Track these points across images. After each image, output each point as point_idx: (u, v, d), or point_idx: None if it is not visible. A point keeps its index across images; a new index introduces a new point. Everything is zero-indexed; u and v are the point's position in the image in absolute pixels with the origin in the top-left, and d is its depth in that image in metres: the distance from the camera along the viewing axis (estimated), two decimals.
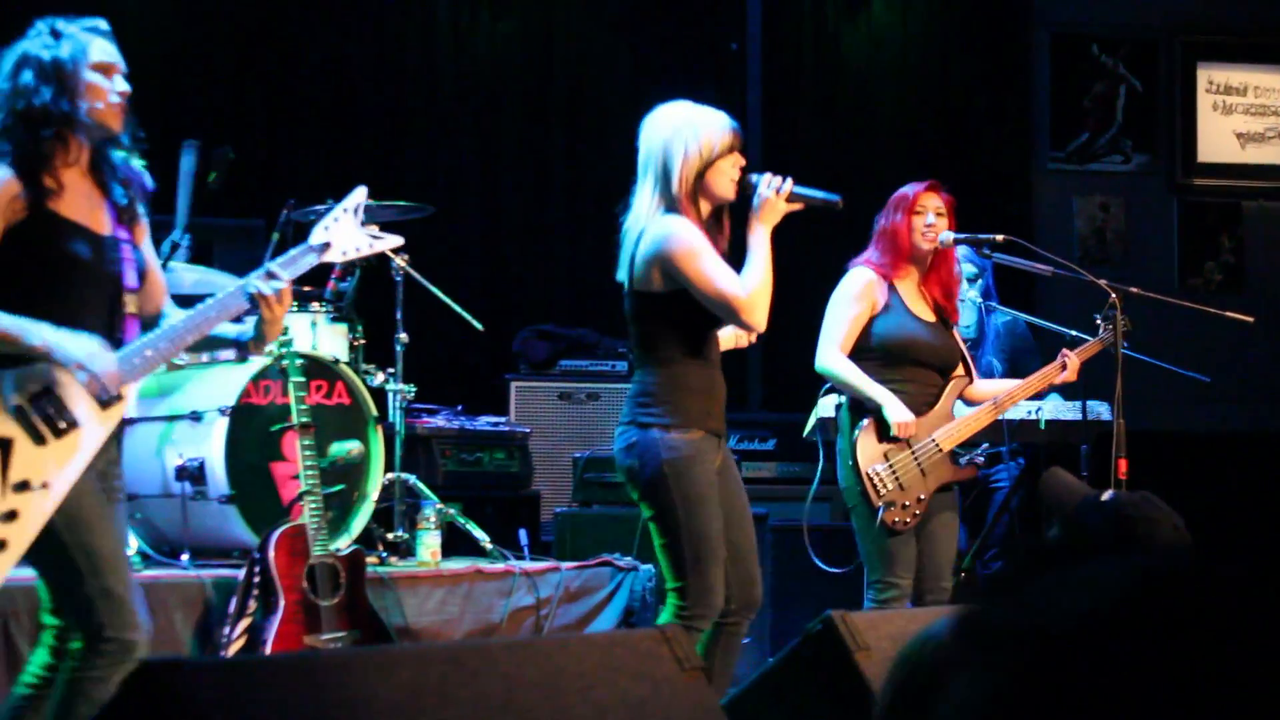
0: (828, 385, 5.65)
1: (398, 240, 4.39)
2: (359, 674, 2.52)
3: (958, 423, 5.58)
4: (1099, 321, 5.87)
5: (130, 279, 3.98)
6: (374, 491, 6.21)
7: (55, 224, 3.84)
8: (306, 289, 6.58)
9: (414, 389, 6.68)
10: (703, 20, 9.73)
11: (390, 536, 6.33)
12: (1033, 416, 6.30)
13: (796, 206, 4.82)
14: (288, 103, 8.98)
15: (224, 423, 5.88)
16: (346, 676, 2.52)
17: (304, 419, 5.31)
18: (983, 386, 5.80)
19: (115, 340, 3.91)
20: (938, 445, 5.49)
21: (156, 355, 3.95)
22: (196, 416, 5.92)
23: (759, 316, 4.67)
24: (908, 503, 5.41)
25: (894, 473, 5.41)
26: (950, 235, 5.95)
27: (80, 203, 3.91)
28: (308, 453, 5.29)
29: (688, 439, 4.69)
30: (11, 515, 3.73)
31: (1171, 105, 10.16)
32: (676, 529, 4.69)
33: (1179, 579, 1.02)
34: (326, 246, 4.20)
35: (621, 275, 4.82)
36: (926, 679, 1.10)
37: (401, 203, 6.84)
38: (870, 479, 5.39)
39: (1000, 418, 5.82)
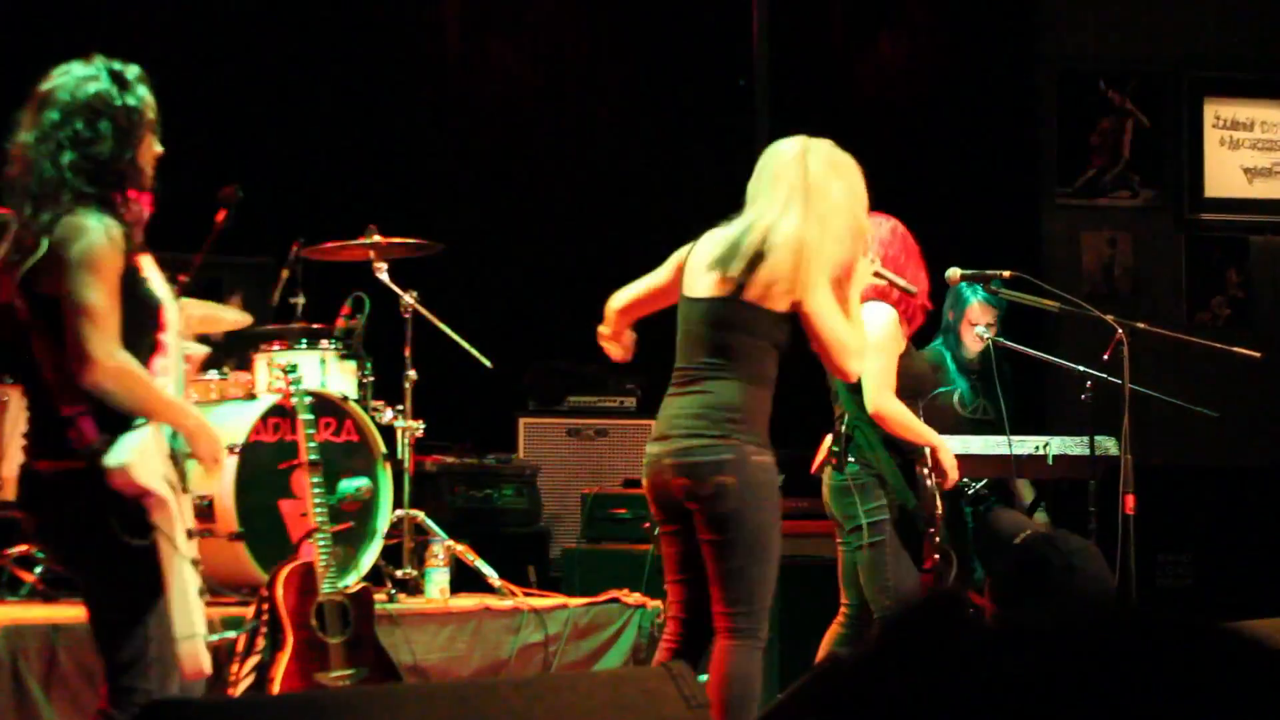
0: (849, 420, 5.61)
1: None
2: (366, 712, 2.53)
3: None
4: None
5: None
6: (382, 528, 6.22)
7: (142, 277, 3.86)
8: (316, 327, 6.60)
9: (423, 426, 6.69)
10: (711, 55, 9.76)
11: (399, 574, 6.33)
12: (1040, 452, 6.30)
13: (880, 282, 5.20)
14: (297, 139, 9.01)
15: (233, 460, 5.89)
16: (354, 715, 2.52)
17: (313, 456, 5.32)
18: None
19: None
20: None
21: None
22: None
23: (861, 363, 4.83)
24: (938, 540, 5.47)
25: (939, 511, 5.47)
26: (957, 271, 5.98)
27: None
28: (316, 490, 5.30)
29: (774, 463, 4.73)
30: (196, 563, 3.83)
31: (1179, 140, 10.17)
32: (767, 551, 4.67)
33: (1107, 630, 0.99)
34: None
35: (715, 281, 4.76)
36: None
37: (410, 240, 6.86)
38: (940, 518, 5.43)
39: (1009, 453, 5.86)
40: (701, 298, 4.76)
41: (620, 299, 5.18)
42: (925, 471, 5.40)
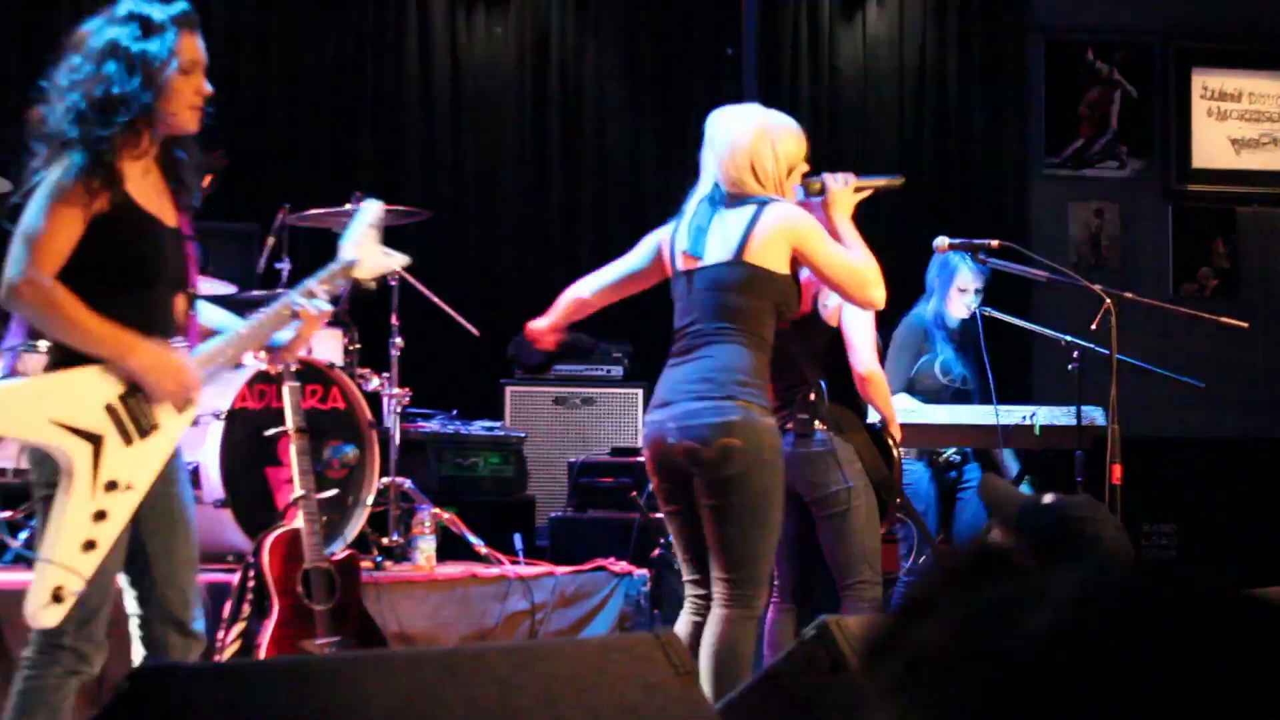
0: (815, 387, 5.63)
1: (406, 259, 4.37)
2: (353, 678, 2.52)
3: None
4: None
5: (193, 274, 3.96)
6: (369, 496, 6.21)
7: (134, 215, 3.78)
8: None
9: (409, 393, 6.68)
10: (698, 25, 9.73)
11: (385, 541, 6.33)
12: (1028, 422, 6.30)
13: (865, 194, 4.93)
14: (283, 106, 8.98)
15: (219, 427, 5.88)
16: (341, 681, 2.51)
17: (299, 424, 5.30)
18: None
19: (182, 335, 3.89)
20: None
21: (226, 360, 3.96)
22: (192, 420, 5.90)
23: (882, 293, 4.76)
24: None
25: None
26: (945, 240, 5.98)
27: (149, 194, 3.85)
28: (302, 457, 5.29)
29: (776, 427, 4.71)
30: (101, 515, 3.69)
31: (1166, 111, 10.17)
32: (766, 515, 4.60)
33: (1139, 581, 1.00)
34: (354, 264, 4.20)
35: (710, 247, 4.73)
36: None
37: (398, 208, 6.84)
38: (893, 482, 5.42)
39: (996, 423, 5.88)
40: (698, 267, 4.74)
41: (587, 288, 5.18)
42: (892, 442, 5.42)
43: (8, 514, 5.84)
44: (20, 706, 3.77)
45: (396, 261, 4.31)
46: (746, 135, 4.80)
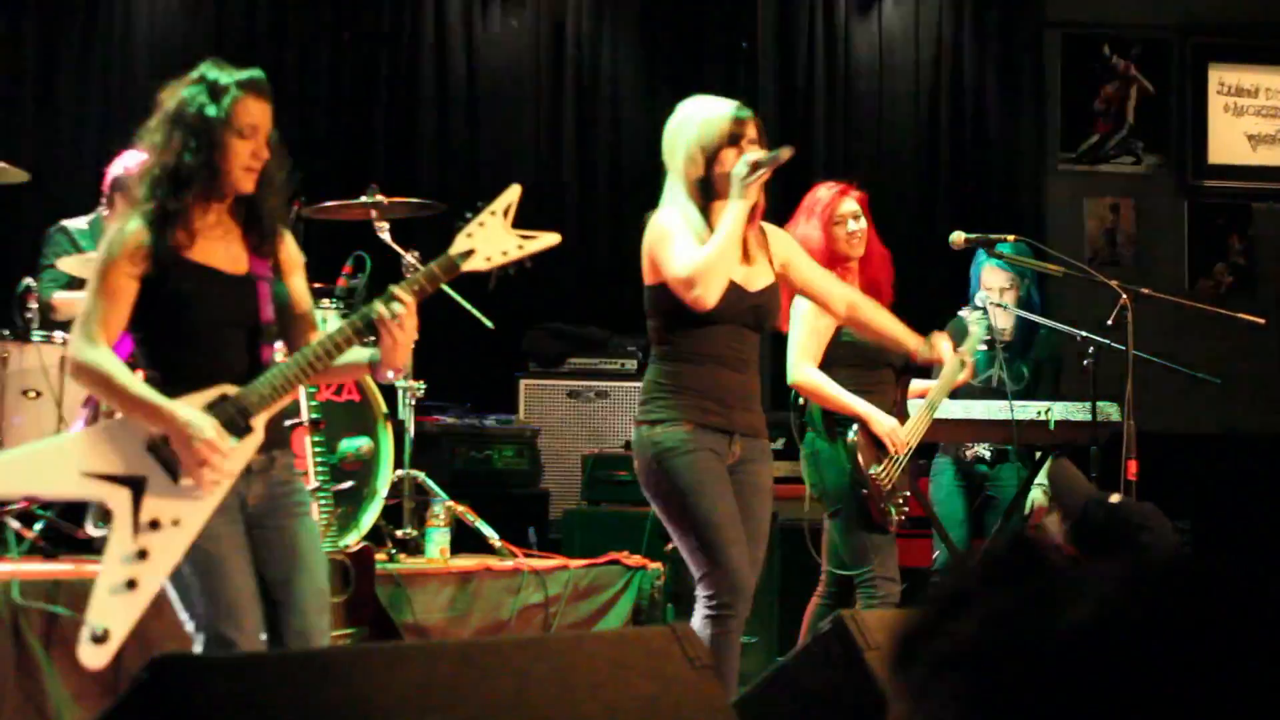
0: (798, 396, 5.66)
1: (554, 238, 4.32)
2: (369, 670, 2.52)
3: (915, 420, 5.62)
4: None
5: (266, 313, 3.99)
6: (383, 488, 6.21)
7: (187, 270, 3.90)
8: (318, 286, 6.58)
9: (424, 386, 6.68)
10: (714, 19, 9.72)
11: (399, 534, 6.33)
12: (1042, 418, 6.28)
13: (764, 176, 4.68)
14: (298, 98, 8.98)
15: None
16: (357, 672, 2.52)
17: (314, 415, 5.30)
18: (915, 382, 5.85)
19: (257, 373, 3.94)
20: (910, 445, 5.54)
21: (286, 384, 3.93)
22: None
23: (699, 291, 4.56)
24: (900, 502, 5.47)
25: (888, 473, 5.45)
26: (961, 235, 5.97)
27: (214, 246, 3.97)
28: (317, 449, 5.29)
29: (672, 432, 4.65)
30: (142, 554, 3.77)
31: (1182, 106, 10.14)
32: (680, 518, 4.65)
33: (1181, 577, 0.99)
34: (469, 254, 4.18)
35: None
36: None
37: (412, 200, 6.84)
38: (874, 480, 5.41)
39: (1010, 418, 5.87)
40: None
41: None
42: (851, 439, 5.43)
43: (22, 505, 5.85)
44: None
45: (542, 243, 4.22)
46: (666, 133, 4.84)
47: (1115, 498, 3.93)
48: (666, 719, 2.84)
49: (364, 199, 6.63)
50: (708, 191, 4.69)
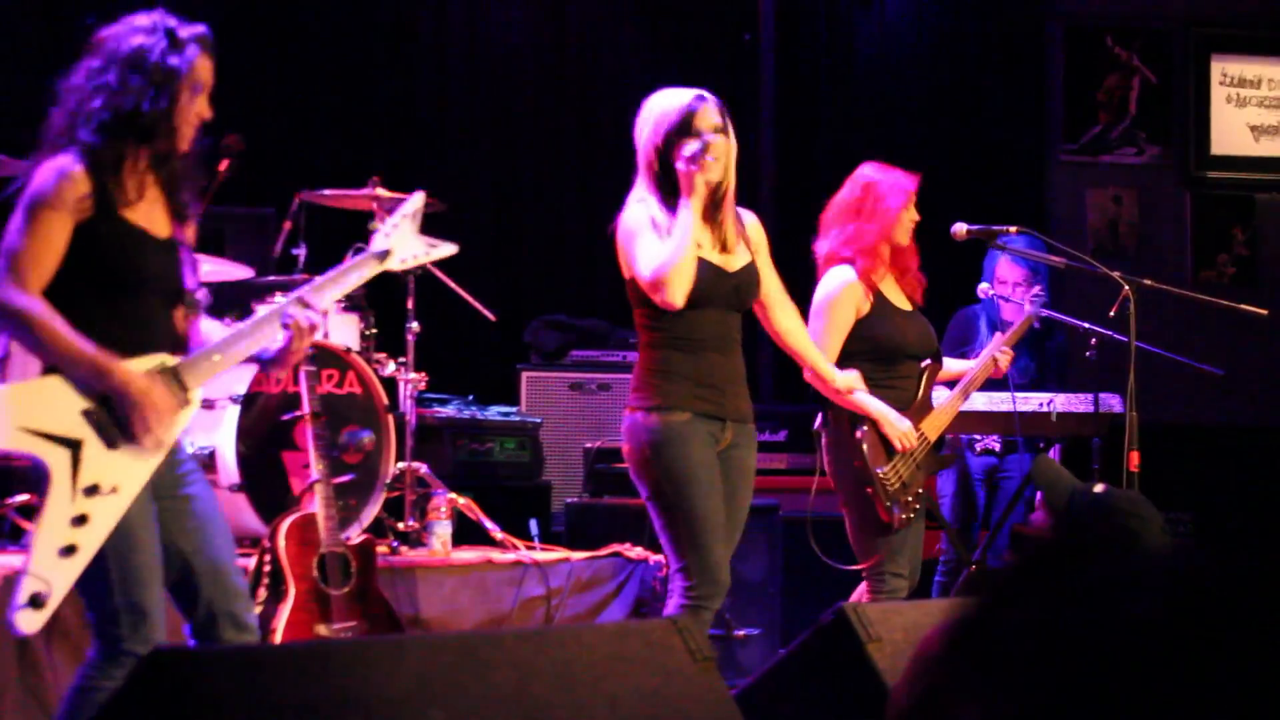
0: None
1: (452, 248, 4.36)
2: (370, 663, 2.52)
3: (938, 411, 5.59)
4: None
5: (190, 281, 3.93)
6: (385, 481, 6.21)
7: (123, 230, 3.77)
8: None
9: (425, 379, 6.67)
10: (716, 10, 9.71)
11: (401, 526, 6.33)
12: (1045, 409, 6.28)
13: (706, 166, 4.65)
14: (299, 90, 8.97)
15: (235, 411, 5.87)
16: (357, 665, 2.51)
17: (315, 408, 5.30)
18: (950, 366, 5.82)
19: (182, 343, 3.87)
20: (926, 438, 5.50)
21: (221, 361, 3.88)
22: (208, 404, 5.90)
23: (667, 293, 4.62)
24: (910, 499, 5.43)
25: (897, 472, 5.42)
26: (963, 227, 5.96)
27: (140, 205, 3.84)
28: (319, 442, 5.29)
29: (668, 420, 4.69)
30: (82, 519, 3.66)
31: (1185, 97, 10.13)
32: (668, 509, 4.70)
33: (1225, 579, 0.99)
34: (386, 254, 4.18)
35: None
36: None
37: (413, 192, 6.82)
38: (880, 480, 5.38)
39: (1012, 409, 5.84)
40: None
41: None
42: (859, 435, 5.41)
43: (23, 497, 5.84)
44: (71, 705, 3.77)
45: (442, 251, 4.29)
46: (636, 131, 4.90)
47: (1100, 487, 3.92)
48: (668, 711, 2.84)
49: (365, 192, 6.61)
50: (670, 184, 4.69)
